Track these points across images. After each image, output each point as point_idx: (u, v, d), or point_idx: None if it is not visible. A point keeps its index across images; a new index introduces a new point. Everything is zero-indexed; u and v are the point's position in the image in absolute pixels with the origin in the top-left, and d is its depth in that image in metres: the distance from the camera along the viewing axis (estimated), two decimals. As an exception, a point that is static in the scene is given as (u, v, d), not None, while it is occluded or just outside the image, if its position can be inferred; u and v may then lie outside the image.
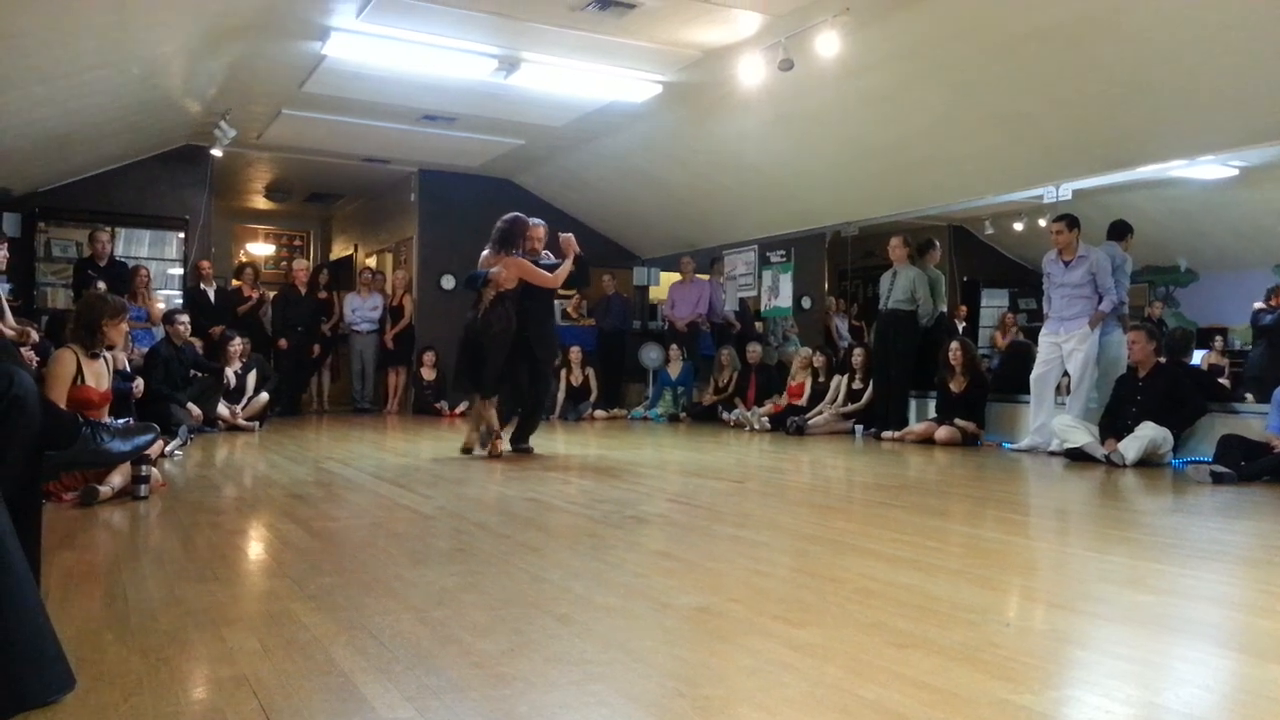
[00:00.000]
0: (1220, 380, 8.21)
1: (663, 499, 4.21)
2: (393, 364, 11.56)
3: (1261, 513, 4.55)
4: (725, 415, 10.10)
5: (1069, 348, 7.12)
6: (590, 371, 10.89)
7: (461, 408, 10.03)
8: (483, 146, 10.95)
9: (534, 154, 11.15)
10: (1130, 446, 6.16)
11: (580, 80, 8.31)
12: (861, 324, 12.47)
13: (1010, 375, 8.34)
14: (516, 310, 6.31)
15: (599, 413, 10.71)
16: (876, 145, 8.52)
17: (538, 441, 6.86)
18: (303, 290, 10.97)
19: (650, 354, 11.22)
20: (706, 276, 11.81)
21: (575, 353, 10.80)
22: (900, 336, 8.60)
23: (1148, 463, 6.21)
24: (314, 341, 10.91)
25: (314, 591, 2.56)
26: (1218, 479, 5.33)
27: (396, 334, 11.49)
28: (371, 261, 13.78)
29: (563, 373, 10.64)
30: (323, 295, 11.32)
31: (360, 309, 11.43)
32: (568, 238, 6.80)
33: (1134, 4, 5.80)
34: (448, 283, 12.23)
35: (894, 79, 7.41)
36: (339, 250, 15.51)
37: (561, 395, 10.63)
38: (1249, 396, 7.05)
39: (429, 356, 11.30)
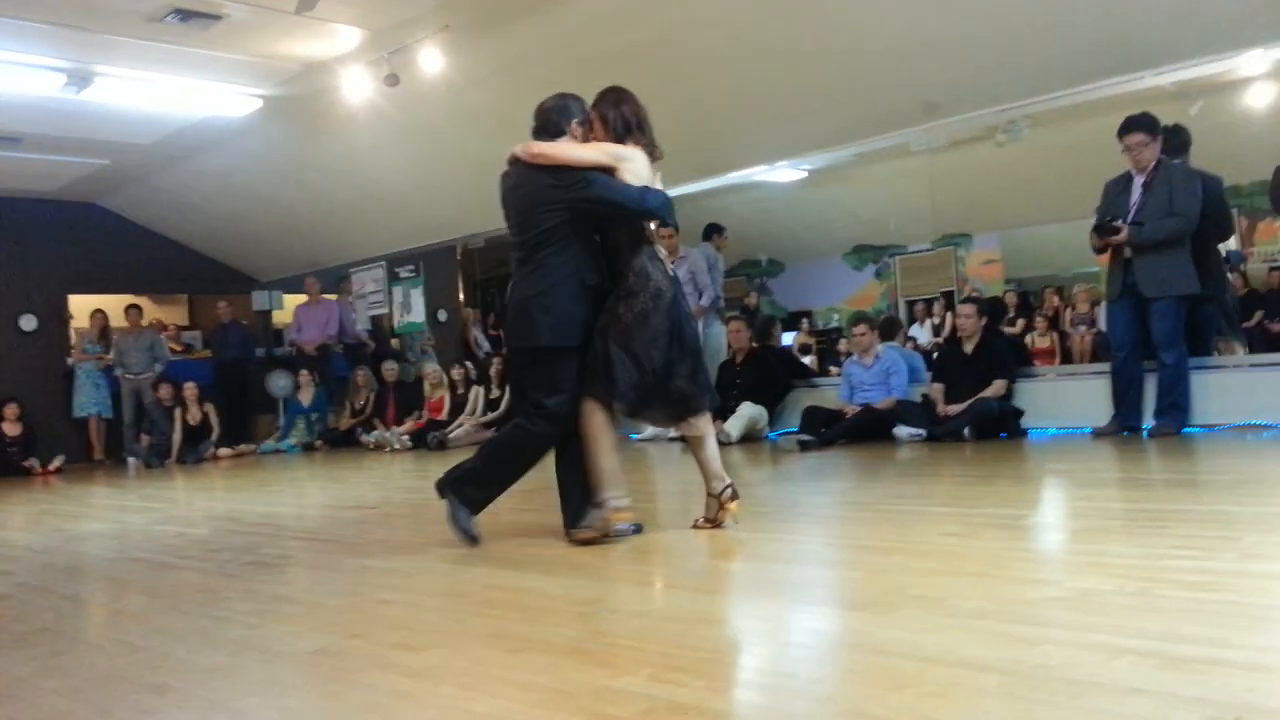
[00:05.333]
0: (806, 358, 9.33)
1: (288, 538, 4.01)
2: (-35, 421, 9.93)
3: (839, 473, 5.25)
4: (363, 438, 9.79)
5: (678, 342, 7.75)
6: (209, 408, 10.06)
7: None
8: (58, 168, 9.78)
9: (122, 174, 10.13)
10: (734, 425, 6.85)
11: (167, 94, 7.71)
12: (499, 333, 12.66)
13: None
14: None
15: (223, 451, 9.92)
16: (490, 158, 8.53)
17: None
18: None
19: (278, 382, 10.62)
20: (334, 296, 11.40)
21: (190, 389, 9.94)
22: (530, 342, 8.85)
23: (750, 438, 6.94)
24: None
25: None
26: (804, 446, 6.08)
27: (-33, 387, 9.89)
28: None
29: (177, 412, 9.77)
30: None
31: (-85, 361, 9.70)
32: None
33: (701, 28, 6.42)
34: (28, 324, 10.74)
35: (499, 93, 7.60)
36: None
37: (178, 437, 9.74)
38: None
39: (11, 409, 9.85)
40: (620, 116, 3.60)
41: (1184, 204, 5.52)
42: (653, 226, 3.63)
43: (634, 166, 3.50)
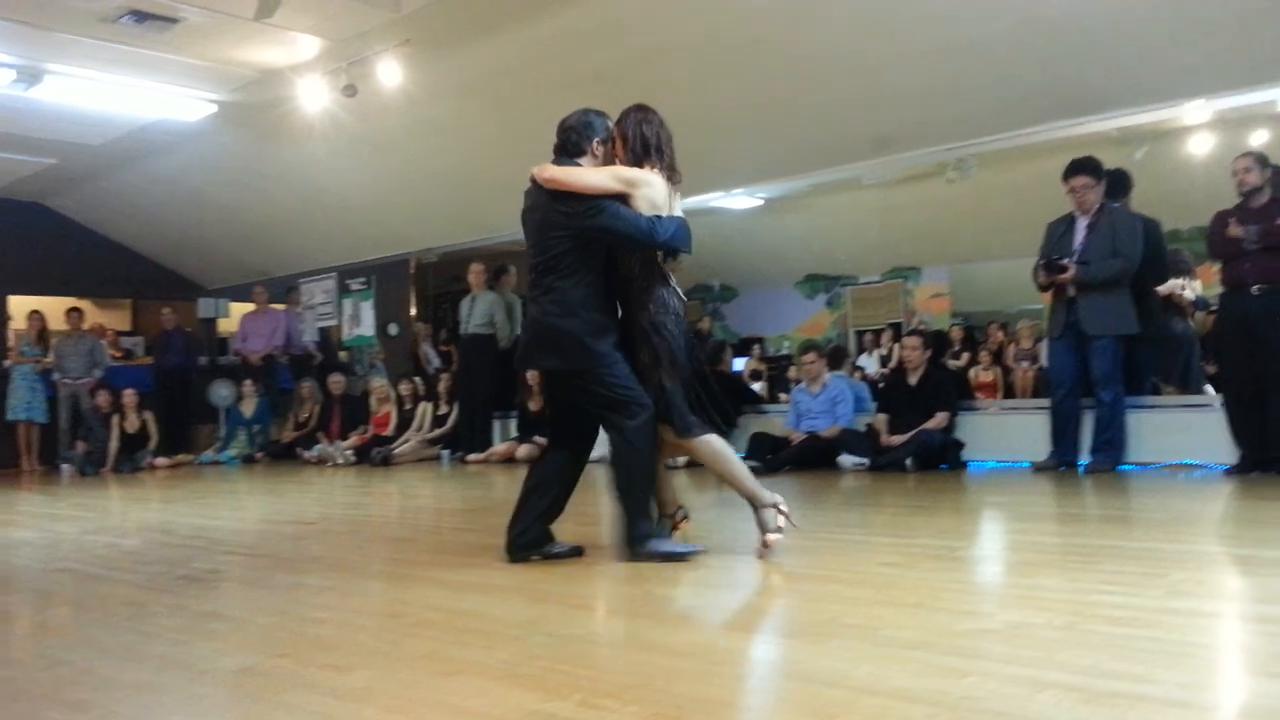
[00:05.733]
0: (756, 385, 9.38)
1: (222, 552, 3.93)
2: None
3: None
4: (305, 453, 9.61)
5: (628, 364, 7.76)
6: (148, 416, 9.83)
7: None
8: (3, 165, 9.55)
9: (70, 174, 9.92)
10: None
11: (119, 95, 7.58)
12: (451, 348, 12.56)
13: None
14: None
15: (160, 460, 9.67)
16: (447, 173, 8.67)
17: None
18: None
19: (220, 392, 10.41)
20: (282, 306, 11.24)
21: (129, 396, 9.72)
22: (480, 360, 8.82)
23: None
24: None
25: None
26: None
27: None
28: None
29: (115, 419, 9.55)
30: None
31: None
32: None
33: (662, 54, 6.47)
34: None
35: (457, 109, 7.61)
36: None
37: (115, 445, 9.50)
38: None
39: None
40: (640, 137, 3.49)
41: (1127, 246, 5.67)
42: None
43: (648, 192, 3.38)
